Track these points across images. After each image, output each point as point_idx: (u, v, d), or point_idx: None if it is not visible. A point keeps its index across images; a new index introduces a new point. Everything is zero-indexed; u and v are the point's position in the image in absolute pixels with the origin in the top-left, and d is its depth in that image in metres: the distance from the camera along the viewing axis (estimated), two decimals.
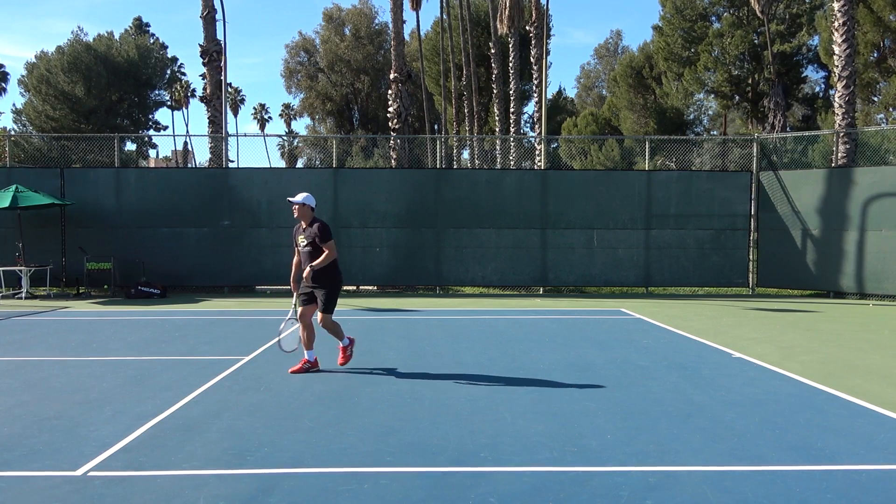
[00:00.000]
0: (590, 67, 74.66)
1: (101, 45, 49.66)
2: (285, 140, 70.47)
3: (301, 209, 7.40)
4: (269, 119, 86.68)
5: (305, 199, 7.42)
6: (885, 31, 31.29)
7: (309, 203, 7.44)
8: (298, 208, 7.40)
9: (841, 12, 18.16)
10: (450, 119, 42.06)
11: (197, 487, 4.34)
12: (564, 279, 16.63)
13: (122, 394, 6.63)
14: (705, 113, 50.70)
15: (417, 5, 38.29)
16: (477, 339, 9.91)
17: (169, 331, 10.63)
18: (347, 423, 5.65)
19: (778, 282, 16.58)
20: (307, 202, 7.42)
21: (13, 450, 5.01)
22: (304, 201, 7.38)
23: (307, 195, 7.51)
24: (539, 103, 27.02)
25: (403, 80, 21.59)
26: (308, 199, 7.46)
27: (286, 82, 64.87)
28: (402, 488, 4.31)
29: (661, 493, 4.24)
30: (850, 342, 9.78)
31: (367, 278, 16.63)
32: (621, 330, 10.83)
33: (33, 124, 48.14)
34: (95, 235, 15.96)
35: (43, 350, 9.04)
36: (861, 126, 24.47)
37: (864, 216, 15.18)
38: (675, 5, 40.27)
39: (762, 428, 5.56)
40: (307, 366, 7.56)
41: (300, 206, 7.38)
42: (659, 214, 16.47)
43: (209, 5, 21.20)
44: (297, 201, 7.38)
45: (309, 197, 7.50)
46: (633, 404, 6.27)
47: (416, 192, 16.55)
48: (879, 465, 4.77)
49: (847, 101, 18.41)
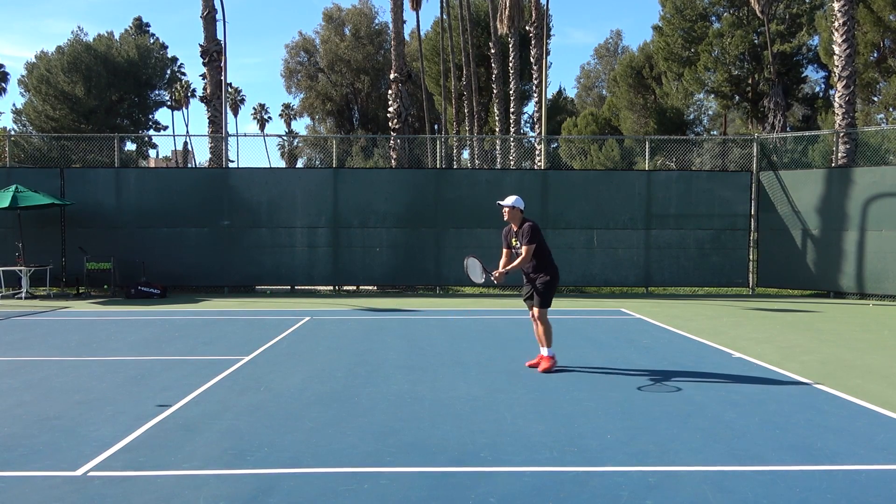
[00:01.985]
0: (590, 67, 74.75)
1: (101, 45, 49.69)
2: (285, 140, 70.55)
3: (511, 212, 7.48)
4: (269, 119, 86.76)
5: (515, 202, 7.49)
6: (885, 31, 31.29)
7: (518, 206, 7.50)
8: (508, 211, 7.48)
9: (841, 12, 18.15)
10: (450, 119, 42.08)
11: (197, 487, 4.33)
12: (564, 279, 16.38)
13: (122, 394, 6.63)
14: (705, 113, 50.73)
15: (417, 5, 38.31)
16: (477, 339, 9.91)
17: (169, 331, 10.63)
18: (347, 423, 5.65)
19: (778, 282, 16.58)
20: (517, 205, 7.49)
21: (13, 450, 5.00)
22: (514, 204, 7.47)
23: (517, 198, 7.56)
24: (539, 103, 27.02)
25: (403, 80, 21.59)
26: (517, 201, 7.52)
27: (286, 82, 64.98)
28: (402, 488, 4.31)
29: (661, 493, 4.24)
30: (850, 342, 9.77)
31: (367, 278, 16.63)
32: (621, 330, 10.83)
33: (33, 124, 48.15)
34: (95, 235, 15.96)
35: (43, 350, 9.04)
36: (861, 126, 24.46)
37: (864, 216, 15.17)
38: (675, 5, 40.28)
39: (762, 428, 5.56)
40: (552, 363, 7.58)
41: (510, 209, 7.47)
42: (659, 214, 16.47)
43: (209, 5, 21.20)
44: (506, 204, 7.48)
45: (518, 199, 7.55)
46: (633, 404, 6.26)
47: (416, 192, 16.55)
48: (879, 465, 4.76)
49: (847, 101, 18.40)
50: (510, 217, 7.54)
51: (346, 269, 16.49)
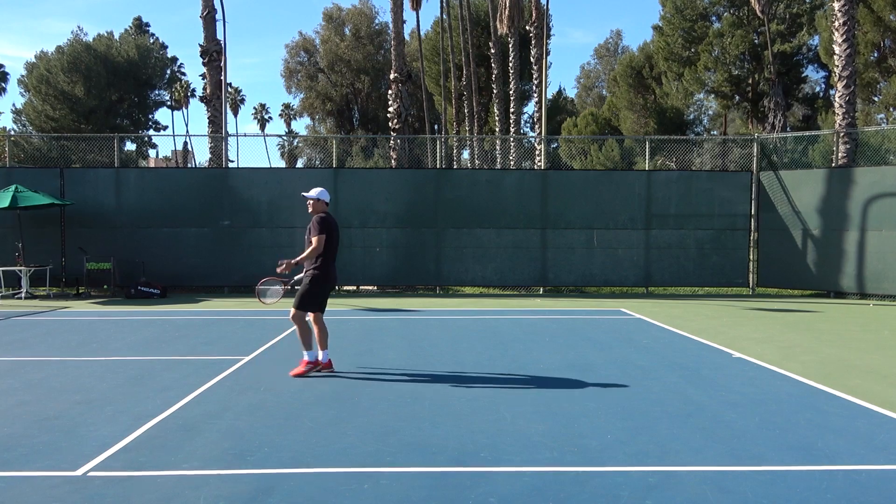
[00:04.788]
0: (590, 67, 74.71)
1: (101, 45, 49.66)
2: (285, 140, 70.53)
3: (315, 204, 7.43)
4: (269, 119, 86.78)
5: (319, 194, 7.46)
6: (885, 31, 31.29)
7: (322, 198, 7.47)
8: (313, 203, 7.44)
9: (841, 12, 18.15)
10: (450, 119, 42.06)
11: (197, 487, 4.34)
12: (564, 279, 16.63)
13: (122, 394, 6.63)
14: (705, 113, 50.72)
15: (417, 5, 38.27)
16: (477, 339, 9.91)
17: (169, 331, 10.63)
18: (347, 423, 5.65)
19: (778, 282, 16.58)
20: (321, 197, 7.45)
21: (13, 450, 5.00)
22: (318, 196, 7.43)
23: (321, 190, 7.53)
24: (539, 103, 27.02)
25: (403, 80, 21.60)
26: (322, 193, 7.48)
27: (286, 82, 64.93)
28: (402, 488, 4.31)
29: (661, 493, 4.24)
30: (850, 342, 9.77)
31: (367, 278, 16.63)
32: (621, 330, 10.83)
33: (33, 124, 48.14)
34: (95, 235, 15.97)
35: (43, 350, 9.04)
36: (861, 126, 24.45)
37: (864, 216, 15.17)
38: (676, 5, 40.26)
39: (762, 428, 5.56)
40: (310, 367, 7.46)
41: (314, 201, 7.42)
42: (659, 214, 16.47)
43: (209, 5, 21.21)
44: (311, 196, 7.43)
45: (323, 192, 7.51)
46: (633, 404, 6.26)
47: (416, 192, 16.55)
48: (879, 465, 4.76)
49: (847, 100, 18.39)
50: (314, 209, 7.43)
51: (346, 269, 16.43)
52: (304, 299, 7.29)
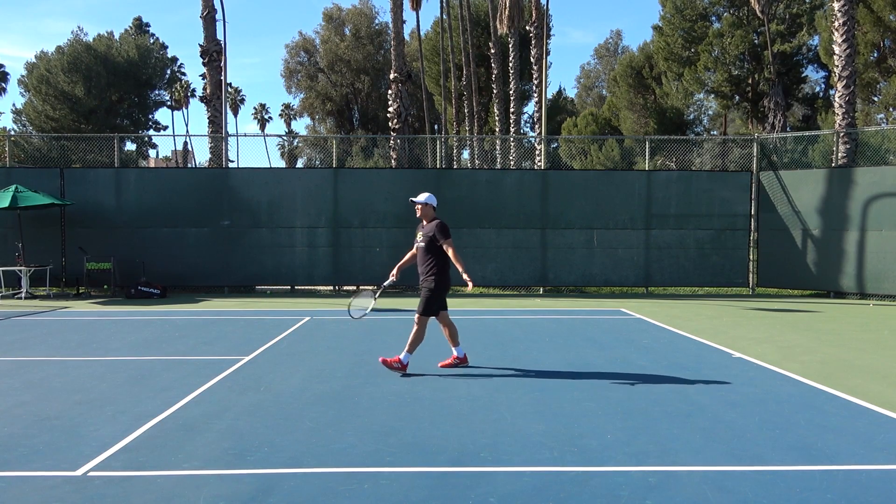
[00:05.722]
0: (590, 67, 74.68)
1: (101, 45, 49.66)
2: (285, 140, 70.57)
3: (424, 209, 7.60)
4: (269, 119, 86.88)
5: (427, 199, 7.63)
6: (885, 31, 31.28)
7: (431, 202, 7.64)
8: (421, 208, 7.60)
9: (841, 12, 18.15)
10: (450, 119, 42.06)
11: (197, 487, 4.34)
12: (564, 279, 16.63)
13: (122, 394, 6.63)
14: (705, 113, 50.68)
15: (417, 5, 38.28)
16: (477, 339, 9.91)
17: (169, 331, 10.63)
18: (347, 423, 5.65)
19: (778, 282, 16.58)
20: (429, 202, 7.63)
21: (13, 450, 5.00)
22: (426, 201, 7.61)
23: (429, 195, 7.70)
24: (539, 103, 27.02)
25: (403, 80, 21.60)
26: (430, 198, 7.66)
27: (286, 82, 64.92)
28: (402, 488, 4.31)
29: (661, 493, 4.24)
30: (850, 342, 9.77)
31: (367, 278, 16.62)
32: (621, 330, 10.83)
33: (33, 124, 48.14)
34: (95, 235, 15.97)
35: (43, 350, 9.04)
36: (861, 126, 24.47)
37: (864, 216, 15.18)
38: (675, 5, 40.25)
39: (762, 428, 5.56)
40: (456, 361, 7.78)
41: (423, 205, 7.59)
42: (659, 214, 16.47)
43: (209, 5, 21.21)
44: (419, 201, 7.61)
45: (431, 197, 7.69)
46: (633, 404, 6.26)
47: (415, 192, 16.41)
48: (879, 465, 4.76)
49: (847, 100, 18.40)
50: (422, 214, 7.65)
51: (346, 269, 16.50)
52: (429, 304, 7.65)
